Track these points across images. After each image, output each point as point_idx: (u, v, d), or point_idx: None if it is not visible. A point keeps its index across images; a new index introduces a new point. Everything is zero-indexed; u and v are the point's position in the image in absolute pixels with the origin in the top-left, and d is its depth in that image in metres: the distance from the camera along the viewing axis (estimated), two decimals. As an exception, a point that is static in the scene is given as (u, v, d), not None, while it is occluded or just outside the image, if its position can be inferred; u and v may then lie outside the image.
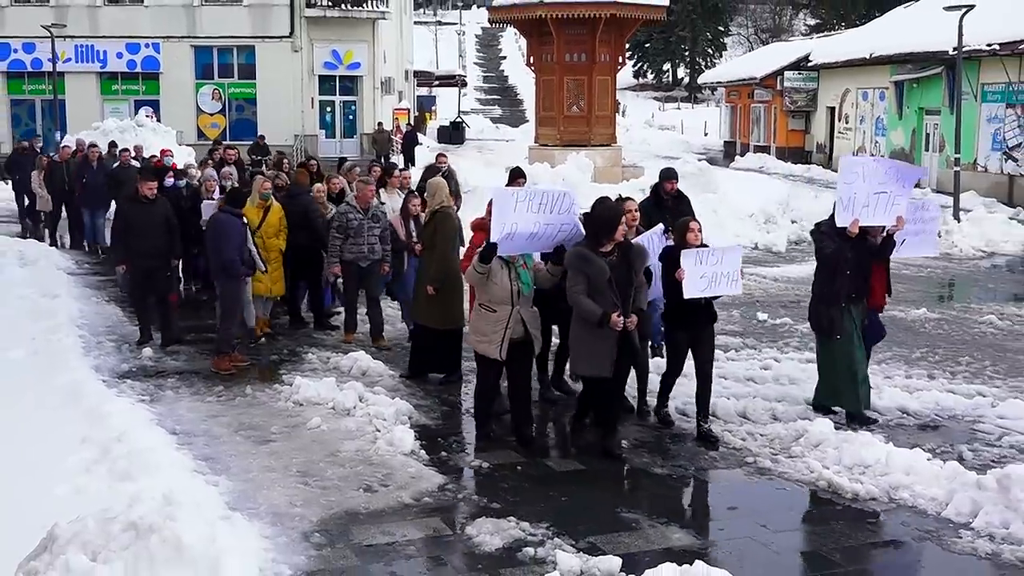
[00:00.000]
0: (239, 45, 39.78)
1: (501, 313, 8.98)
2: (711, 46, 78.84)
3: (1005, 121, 31.30)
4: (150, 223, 12.71)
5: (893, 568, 7.14)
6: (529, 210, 8.81)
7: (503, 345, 8.99)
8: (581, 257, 8.60)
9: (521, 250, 9.11)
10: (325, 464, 8.86)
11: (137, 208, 12.86)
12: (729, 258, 9.35)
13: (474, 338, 9.27)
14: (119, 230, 13.25)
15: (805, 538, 7.60)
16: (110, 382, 11.25)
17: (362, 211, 12.71)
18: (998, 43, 29.70)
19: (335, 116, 40.80)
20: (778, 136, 46.79)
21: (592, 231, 8.78)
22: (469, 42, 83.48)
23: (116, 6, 39.46)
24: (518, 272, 9.06)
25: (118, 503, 5.84)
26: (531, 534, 7.40)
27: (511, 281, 8.98)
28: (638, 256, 8.87)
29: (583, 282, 8.53)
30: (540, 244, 9.15)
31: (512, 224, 8.73)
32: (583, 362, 8.91)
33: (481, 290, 9.12)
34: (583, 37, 30.53)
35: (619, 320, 8.38)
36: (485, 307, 9.09)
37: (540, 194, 9.06)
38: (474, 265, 9.00)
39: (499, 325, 8.99)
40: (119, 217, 13.45)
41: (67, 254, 20.67)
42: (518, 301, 9.01)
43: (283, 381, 11.20)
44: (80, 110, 37.01)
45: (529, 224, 8.84)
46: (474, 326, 9.29)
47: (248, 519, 7.39)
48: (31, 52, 38.41)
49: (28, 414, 9.86)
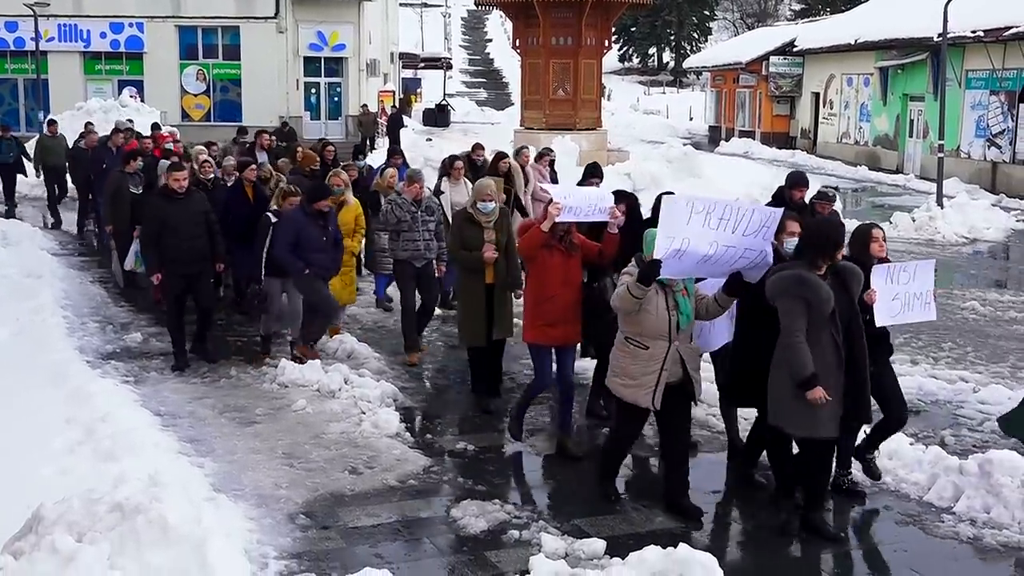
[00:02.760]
0: (224, 25, 39.55)
1: (655, 350, 7.16)
2: (697, 30, 78.80)
3: (989, 108, 31.39)
4: (187, 221, 10.87)
5: (875, 551, 7.19)
6: (706, 225, 6.90)
7: (657, 391, 7.18)
8: (802, 282, 6.69)
9: (688, 274, 7.27)
10: (310, 446, 8.87)
11: (169, 205, 10.90)
12: (922, 275, 7.84)
13: (617, 381, 7.40)
14: (149, 233, 11.12)
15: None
16: (94, 363, 11.21)
17: (415, 204, 11.23)
18: (982, 30, 29.78)
19: (320, 98, 40.63)
20: (763, 121, 46.90)
21: (813, 249, 6.85)
22: (455, 24, 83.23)
23: (100, -15, 39.19)
24: (676, 300, 7.21)
25: (103, 484, 5.84)
26: (516, 516, 7.43)
27: (669, 311, 7.16)
28: (856, 279, 7.08)
29: (802, 316, 6.67)
30: (714, 270, 7.19)
31: (683, 240, 6.88)
32: (794, 418, 6.87)
33: (629, 320, 7.27)
34: (569, 20, 30.49)
35: (822, 396, 6.61)
36: (634, 342, 7.26)
37: (722, 207, 7.04)
38: (629, 287, 6.99)
39: (652, 365, 7.18)
40: (148, 219, 11.25)
41: (50, 234, 20.57)
42: (676, 336, 7.18)
43: (267, 363, 11.19)
44: (63, 90, 36.78)
45: (703, 243, 6.93)
46: (617, 365, 7.43)
47: (233, 500, 7.41)
48: (13, 31, 38.09)
49: (12, 395, 9.83)
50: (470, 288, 9.74)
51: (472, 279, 9.70)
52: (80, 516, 5.48)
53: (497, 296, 9.71)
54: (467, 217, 9.74)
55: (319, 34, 39.61)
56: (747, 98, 48.70)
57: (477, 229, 9.63)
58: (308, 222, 10.64)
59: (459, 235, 9.77)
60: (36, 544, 5.25)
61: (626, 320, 7.28)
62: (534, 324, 8.64)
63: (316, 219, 10.68)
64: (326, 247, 10.78)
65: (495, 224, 9.71)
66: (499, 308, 9.72)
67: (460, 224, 9.84)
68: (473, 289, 9.68)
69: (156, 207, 11.04)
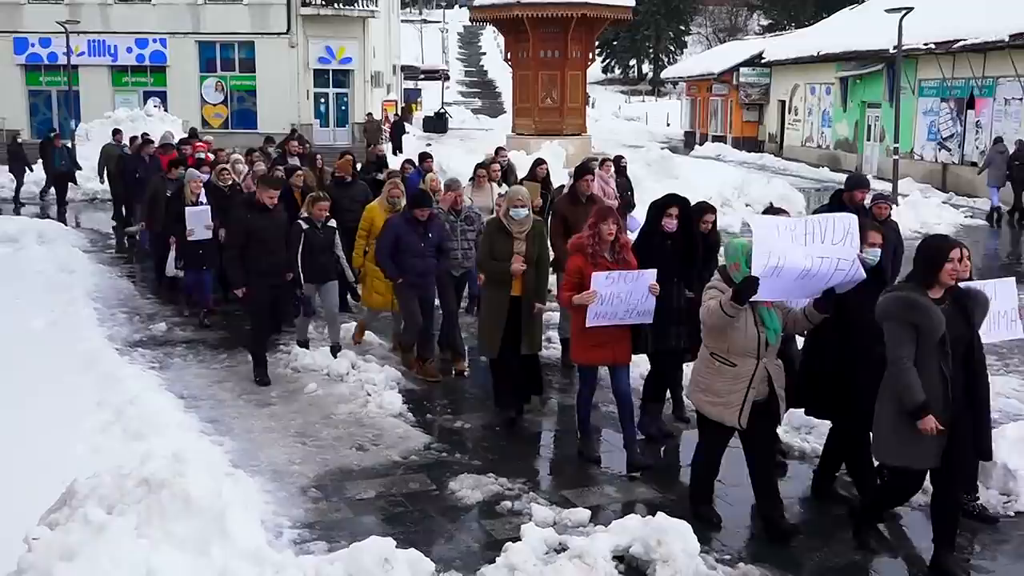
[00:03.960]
0: (240, 41, 39.41)
1: (743, 368, 6.38)
2: (673, 44, 78.71)
3: (939, 114, 31.43)
4: (276, 235, 10.00)
5: (831, 517, 7.18)
6: (795, 240, 6.12)
7: (743, 409, 6.41)
8: (910, 305, 5.84)
9: (786, 295, 6.36)
10: (320, 425, 8.87)
11: (259, 217, 9.95)
12: (1003, 292, 7.05)
13: (703, 397, 6.60)
14: (236, 245, 10.06)
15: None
16: (123, 350, 11.21)
17: (453, 213, 10.65)
18: (934, 42, 29.80)
19: (329, 107, 40.54)
20: (734, 127, 46.85)
21: (925, 269, 5.95)
22: (452, 39, 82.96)
23: (126, 4, 38.99)
24: (761, 315, 6.41)
25: (131, 460, 5.83)
26: (508, 489, 7.45)
27: (757, 327, 6.39)
28: (979, 306, 6.09)
29: (910, 342, 5.81)
30: (813, 286, 6.24)
31: (779, 256, 6.02)
32: (895, 446, 6.01)
33: (716, 336, 6.47)
34: (556, 35, 30.41)
35: (934, 427, 5.77)
36: (720, 359, 6.45)
37: (803, 222, 6.29)
38: (723, 305, 6.20)
39: (740, 383, 6.39)
40: (234, 231, 10.21)
41: (82, 233, 20.53)
42: (764, 352, 6.41)
43: (282, 350, 11.17)
44: (93, 100, 36.64)
45: (798, 259, 6.07)
46: (702, 382, 6.62)
47: (250, 475, 7.41)
48: (47, 46, 37.96)
49: (48, 379, 9.83)
50: (494, 299, 8.79)
51: (497, 290, 8.74)
52: (110, 490, 5.47)
53: (525, 310, 8.70)
54: (498, 226, 8.78)
55: (327, 49, 39.52)
56: (719, 106, 48.64)
57: (507, 239, 8.65)
58: (408, 229, 9.82)
59: (489, 244, 8.84)
60: (70, 516, 5.25)
61: (712, 335, 6.46)
62: (581, 344, 7.76)
63: (415, 226, 9.84)
64: (424, 253, 9.88)
65: (527, 235, 8.68)
66: (527, 322, 8.72)
67: (491, 233, 8.90)
68: (498, 300, 8.73)
69: (243, 219, 10.02)
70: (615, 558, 6.17)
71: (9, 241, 17.81)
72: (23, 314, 12.44)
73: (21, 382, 9.70)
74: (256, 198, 10.12)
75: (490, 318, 8.86)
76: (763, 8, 75.43)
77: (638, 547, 6.21)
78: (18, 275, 15.12)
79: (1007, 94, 28.03)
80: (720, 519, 6.88)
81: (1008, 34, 26.65)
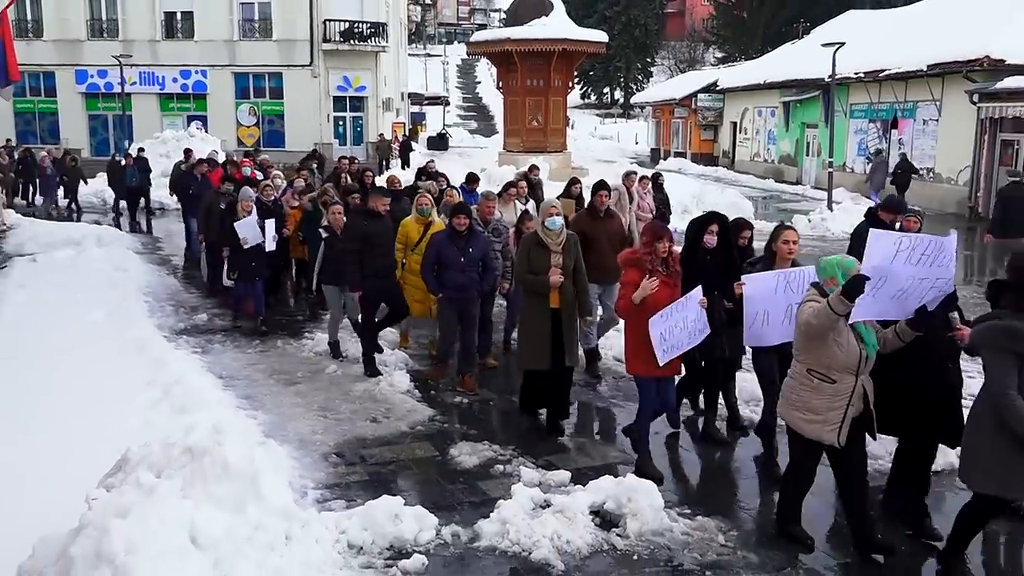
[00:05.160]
0: (270, 72, 39.27)
1: (842, 384, 5.40)
2: (640, 74, 78.44)
3: (868, 133, 31.47)
4: (386, 240, 9.47)
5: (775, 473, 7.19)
6: (908, 261, 5.23)
7: (843, 427, 5.43)
8: (1014, 335, 4.95)
9: (881, 314, 5.40)
10: (340, 401, 8.86)
11: (374, 223, 9.41)
12: None
13: (798, 415, 5.57)
14: (353, 250, 9.38)
15: (716, 454, 7.67)
16: (170, 337, 11.18)
17: (482, 224, 9.85)
18: (863, 72, 29.83)
19: (346, 128, 40.43)
20: (693, 144, 46.83)
21: (1020, 292, 5.06)
22: (451, 70, 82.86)
23: (172, 41, 38.86)
24: (860, 331, 5.42)
25: (177, 432, 5.80)
26: (501, 454, 7.44)
27: (858, 343, 5.41)
28: None
29: (1013, 371, 4.95)
30: (908, 306, 5.35)
31: (882, 278, 5.22)
32: (991, 474, 5.13)
33: (814, 352, 5.43)
34: (541, 66, 30.40)
35: None
36: (818, 375, 5.44)
37: (926, 243, 5.25)
38: (831, 303, 5.16)
39: (839, 400, 5.41)
40: (350, 237, 9.50)
41: (135, 236, 20.45)
42: (863, 368, 5.44)
43: (306, 336, 11.16)
44: (144, 123, 36.51)
45: (902, 279, 5.26)
46: (798, 399, 5.57)
47: (280, 444, 7.39)
48: (104, 77, 37.80)
49: (105, 362, 9.80)
50: (534, 312, 7.85)
51: (537, 302, 7.81)
52: (159, 457, 5.45)
53: (565, 322, 7.82)
54: (536, 240, 7.86)
55: (345, 78, 39.43)
56: (680, 126, 48.61)
57: (544, 252, 7.77)
58: (448, 244, 8.76)
59: (526, 258, 7.89)
60: (124, 480, 5.23)
61: (810, 352, 5.45)
62: (639, 356, 6.91)
63: (456, 239, 8.77)
64: (464, 268, 8.80)
65: (563, 247, 7.83)
66: (567, 335, 7.83)
67: (528, 247, 7.92)
68: (538, 313, 7.80)
69: (360, 226, 9.45)
70: (592, 512, 6.18)
71: (73, 245, 17.73)
72: (84, 307, 12.41)
73: (83, 365, 9.67)
74: (370, 206, 9.60)
75: (534, 332, 7.85)
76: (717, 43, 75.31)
77: (611, 503, 6.21)
78: (79, 274, 15.07)
79: (925, 116, 28.09)
80: (811, 540, 5.88)
81: (926, 64, 26.74)
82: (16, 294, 13.45)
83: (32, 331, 11.29)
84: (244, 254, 11.36)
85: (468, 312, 9.02)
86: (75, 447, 7.15)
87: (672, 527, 6.08)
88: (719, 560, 5.74)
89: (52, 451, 7.23)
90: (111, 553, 4.54)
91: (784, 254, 6.91)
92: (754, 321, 6.10)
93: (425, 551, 5.75)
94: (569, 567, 5.62)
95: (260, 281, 11.66)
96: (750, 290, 6.14)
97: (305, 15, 38.58)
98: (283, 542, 5.39)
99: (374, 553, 5.74)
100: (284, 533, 5.44)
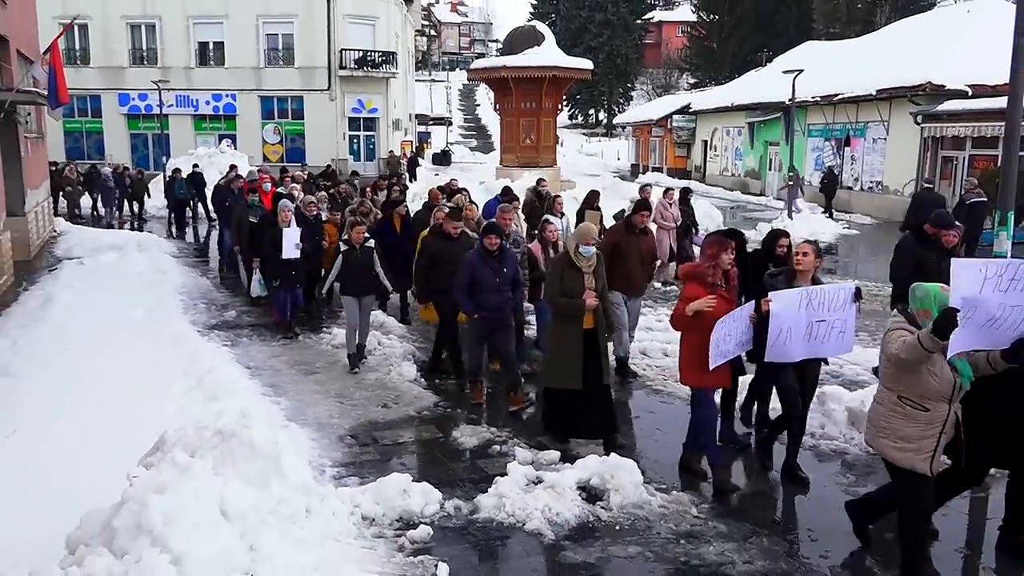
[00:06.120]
0: (292, 95, 39.17)
1: (936, 412, 4.79)
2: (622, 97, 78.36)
3: (823, 150, 31.49)
4: (455, 260, 8.38)
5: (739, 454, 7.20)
6: (997, 288, 4.52)
7: (935, 455, 4.84)
8: None
9: (972, 345, 4.63)
10: (354, 388, 8.84)
11: (444, 243, 8.87)
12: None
13: (888, 443, 4.91)
14: (423, 267, 9.04)
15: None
16: (203, 332, 11.16)
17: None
18: (820, 95, 29.87)
19: (360, 146, 40.36)
20: (668, 160, 46.84)
21: None
22: (454, 94, 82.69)
23: (205, 68, 38.76)
24: (953, 360, 4.73)
25: (209, 416, 5.79)
26: (498, 436, 7.44)
27: (952, 370, 4.76)
28: None
29: None
30: (1001, 336, 4.62)
31: (972, 307, 4.50)
32: None
33: (907, 380, 4.80)
34: (533, 91, 30.35)
35: None
36: (910, 403, 4.82)
37: (1012, 268, 4.54)
38: (921, 340, 4.58)
39: (932, 429, 4.81)
40: (424, 255, 9.10)
41: (172, 242, 20.40)
42: (956, 396, 4.82)
43: (324, 331, 11.14)
44: (179, 142, 36.40)
45: (992, 307, 4.54)
46: (888, 427, 4.92)
47: (300, 427, 7.39)
48: (144, 100, 37.68)
49: (145, 354, 9.78)
50: (568, 333, 7.04)
51: (570, 324, 7.03)
52: (192, 439, 5.44)
53: (600, 342, 7.10)
54: (568, 262, 7.09)
55: (359, 101, 39.38)
56: (657, 144, 48.60)
57: (577, 275, 7.05)
58: (482, 264, 7.85)
59: (559, 280, 7.10)
60: (161, 459, 5.21)
61: (902, 379, 4.81)
62: (694, 367, 6.24)
63: (488, 259, 7.86)
64: (499, 288, 7.87)
65: (594, 270, 7.13)
66: (603, 354, 7.12)
67: (561, 270, 7.14)
68: (572, 334, 7.02)
69: (431, 246, 9.01)
70: (579, 488, 6.17)
71: (115, 249, 17.70)
72: (125, 306, 12.39)
73: (125, 358, 9.65)
74: (442, 228, 8.99)
75: (566, 352, 7.05)
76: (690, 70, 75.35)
77: (596, 479, 6.22)
78: (122, 276, 15.04)
79: (874, 135, 28.14)
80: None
81: (875, 89, 26.81)
82: (65, 293, 13.42)
83: (80, 326, 11.26)
84: (284, 263, 10.80)
85: (504, 330, 8.05)
86: (118, 430, 7.12)
87: (650, 500, 6.08)
88: (692, 530, 5.74)
89: (97, 434, 7.22)
90: (150, 524, 4.53)
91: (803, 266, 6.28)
92: (777, 337, 5.76)
93: (431, 522, 5.74)
94: (559, 536, 5.62)
95: (299, 288, 11.21)
96: (777, 307, 5.74)
97: (323, 45, 38.54)
98: (303, 514, 5.38)
99: (385, 524, 5.73)
100: (304, 507, 5.43)
